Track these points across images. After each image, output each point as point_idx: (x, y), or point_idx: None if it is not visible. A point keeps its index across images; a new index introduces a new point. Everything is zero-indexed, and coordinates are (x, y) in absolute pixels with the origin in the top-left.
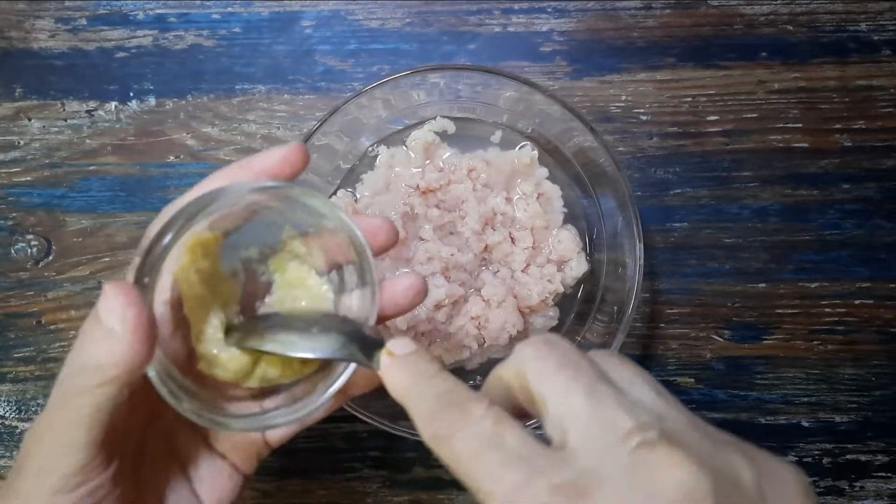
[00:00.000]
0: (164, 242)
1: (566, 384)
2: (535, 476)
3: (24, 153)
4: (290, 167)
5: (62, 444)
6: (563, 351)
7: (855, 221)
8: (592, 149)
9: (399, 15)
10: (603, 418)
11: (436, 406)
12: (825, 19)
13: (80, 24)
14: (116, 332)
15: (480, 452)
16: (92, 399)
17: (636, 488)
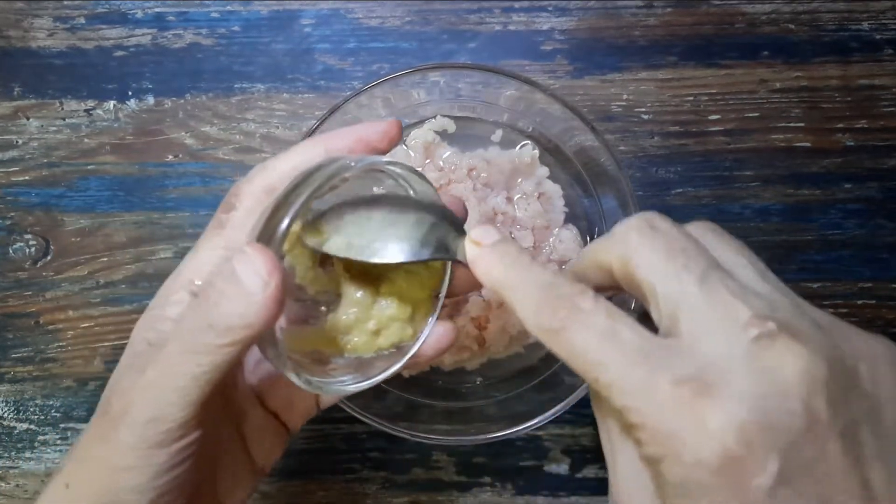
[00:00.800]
0: (295, 207)
1: (678, 274)
2: (658, 370)
3: (23, 152)
4: (388, 142)
5: (175, 399)
6: (670, 235)
7: (857, 221)
8: (593, 148)
9: (399, 13)
10: (719, 309)
11: (541, 298)
12: (827, 18)
13: (78, 22)
14: (256, 295)
15: (598, 347)
16: (214, 358)
17: (760, 380)
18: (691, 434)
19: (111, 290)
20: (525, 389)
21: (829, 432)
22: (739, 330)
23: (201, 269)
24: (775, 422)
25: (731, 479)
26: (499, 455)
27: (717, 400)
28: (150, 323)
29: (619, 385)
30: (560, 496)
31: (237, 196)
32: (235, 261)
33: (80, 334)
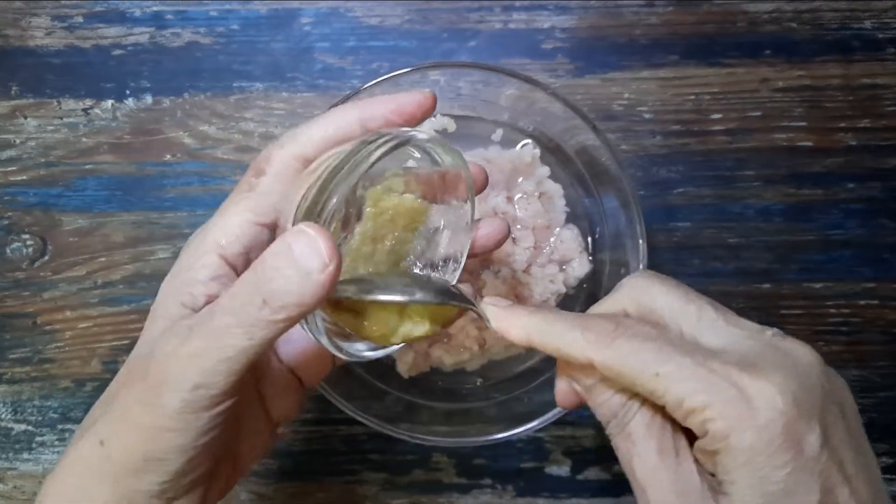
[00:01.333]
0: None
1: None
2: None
3: (20, 152)
4: (423, 113)
5: (222, 369)
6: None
7: (859, 221)
8: (595, 147)
9: (399, 12)
10: (734, 323)
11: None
12: (829, 17)
13: (76, 21)
14: (314, 275)
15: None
16: (265, 333)
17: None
18: (754, 404)
19: (109, 291)
20: (525, 391)
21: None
22: (756, 334)
23: (229, 231)
24: (809, 393)
25: (792, 440)
26: (499, 456)
27: (768, 374)
28: (181, 286)
29: (675, 374)
30: (561, 498)
31: (268, 161)
32: (292, 239)
33: (77, 335)
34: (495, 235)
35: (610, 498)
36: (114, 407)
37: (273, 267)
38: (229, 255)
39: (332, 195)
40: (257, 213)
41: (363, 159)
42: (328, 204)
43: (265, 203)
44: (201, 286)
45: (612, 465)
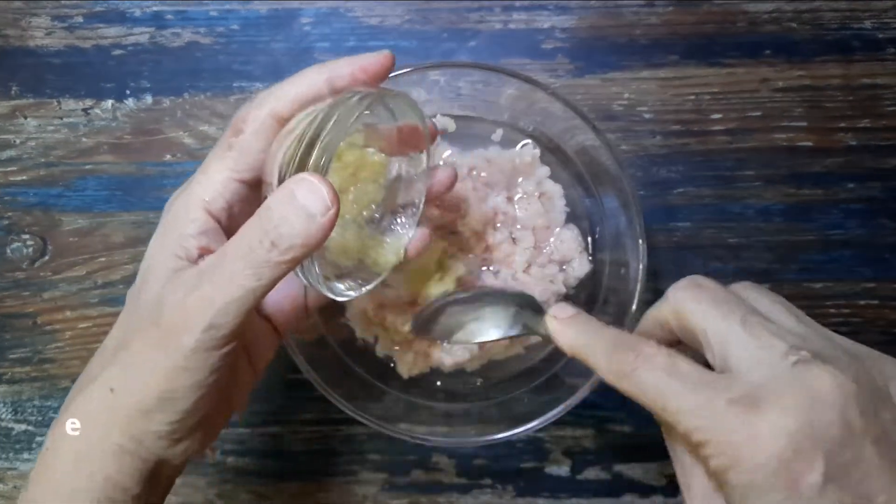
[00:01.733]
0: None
1: (724, 318)
2: (716, 394)
3: (20, 152)
4: (385, 71)
5: (232, 309)
6: (713, 290)
7: (859, 221)
8: (595, 147)
9: (398, 12)
10: (760, 344)
11: (612, 350)
12: (829, 17)
13: (76, 21)
14: (317, 217)
15: (663, 381)
16: (272, 273)
17: (801, 396)
18: (750, 443)
19: (109, 291)
20: (525, 391)
21: (864, 438)
22: (780, 358)
23: (212, 188)
24: (818, 429)
25: (788, 480)
26: (499, 457)
27: (767, 414)
28: (174, 240)
29: (683, 410)
30: (561, 498)
31: (244, 121)
32: (295, 186)
33: (77, 335)
34: (446, 181)
35: (610, 498)
36: (127, 353)
37: (279, 212)
38: (213, 210)
39: (325, 149)
40: (237, 170)
41: (347, 114)
42: (322, 157)
43: (244, 160)
44: (193, 239)
45: (611, 465)
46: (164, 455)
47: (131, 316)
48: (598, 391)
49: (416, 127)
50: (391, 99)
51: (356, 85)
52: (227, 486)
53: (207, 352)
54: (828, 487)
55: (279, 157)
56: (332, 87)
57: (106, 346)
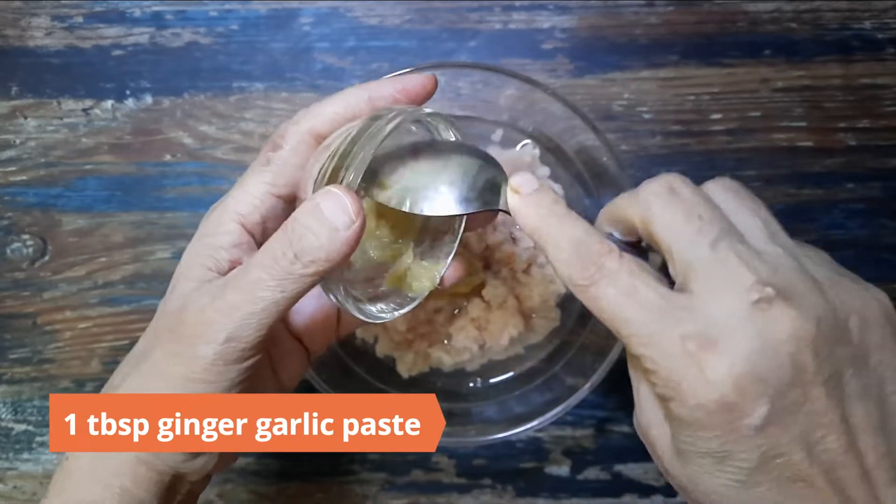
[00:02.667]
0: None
1: (693, 238)
2: (670, 325)
3: (20, 152)
4: (426, 95)
5: (253, 321)
6: (688, 200)
7: (859, 221)
8: (594, 147)
9: (398, 12)
10: (726, 273)
11: (573, 255)
12: (829, 17)
13: (76, 21)
14: (341, 232)
15: (619, 303)
16: (296, 286)
17: (755, 339)
18: (694, 381)
19: (109, 291)
20: (525, 391)
21: (814, 380)
22: (742, 293)
23: (248, 201)
24: (765, 374)
25: (726, 420)
26: (499, 457)
27: (717, 355)
28: (205, 251)
29: (636, 337)
30: (561, 498)
31: (283, 137)
32: (321, 199)
33: (77, 335)
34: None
35: (610, 498)
36: (146, 361)
37: (304, 224)
38: (248, 223)
39: (353, 163)
40: (274, 184)
41: (378, 131)
42: (349, 171)
43: (282, 176)
44: (224, 252)
45: (611, 465)
46: (181, 469)
47: (156, 325)
48: (598, 391)
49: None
50: (428, 117)
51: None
52: (227, 485)
53: (227, 365)
54: (768, 428)
55: (314, 172)
56: (373, 108)
57: (130, 355)
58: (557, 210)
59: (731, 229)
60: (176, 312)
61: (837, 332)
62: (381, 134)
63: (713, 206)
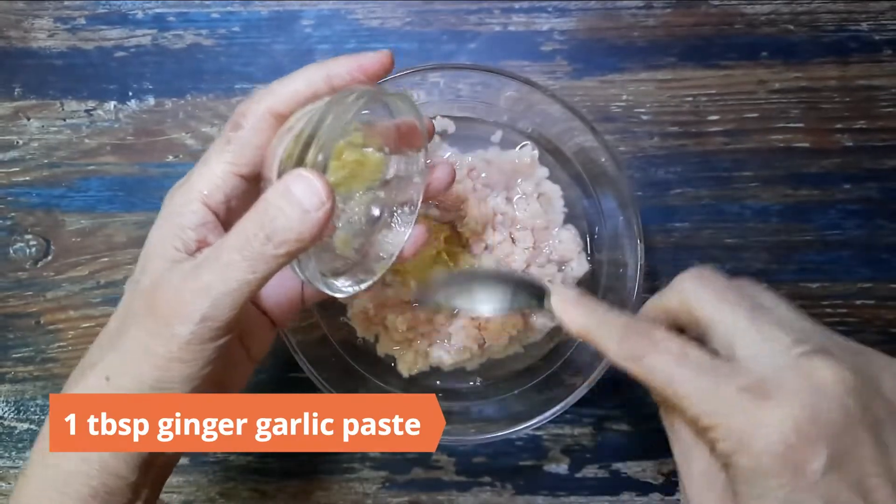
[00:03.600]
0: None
1: (731, 310)
2: (724, 381)
3: (23, 153)
4: (384, 70)
5: (227, 301)
6: (719, 283)
7: (856, 222)
8: (593, 148)
9: (399, 14)
10: (766, 336)
11: (623, 334)
12: (826, 19)
13: (79, 23)
14: (312, 213)
15: (674, 366)
16: (268, 266)
17: (805, 386)
18: (758, 429)
19: (112, 291)
20: (524, 389)
21: (861, 425)
22: (785, 350)
23: (211, 181)
24: (821, 417)
25: (792, 465)
26: (498, 455)
27: (774, 402)
28: (172, 231)
29: (693, 395)
30: (560, 496)
31: (244, 116)
32: (292, 181)
33: (80, 334)
34: (445, 178)
35: (608, 496)
36: (123, 341)
37: (276, 206)
38: (212, 203)
39: (322, 146)
40: (236, 164)
41: (344, 112)
42: (319, 154)
43: (243, 155)
44: (191, 231)
45: (610, 463)
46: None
47: (129, 304)
48: (597, 390)
49: (413, 125)
50: (388, 97)
51: (355, 84)
52: (229, 483)
53: (202, 343)
54: (829, 475)
55: (278, 153)
56: (331, 86)
57: (104, 334)
58: (599, 307)
59: (762, 306)
60: (150, 292)
61: (874, 386)
62: (346, 115)
63: (741, 290)
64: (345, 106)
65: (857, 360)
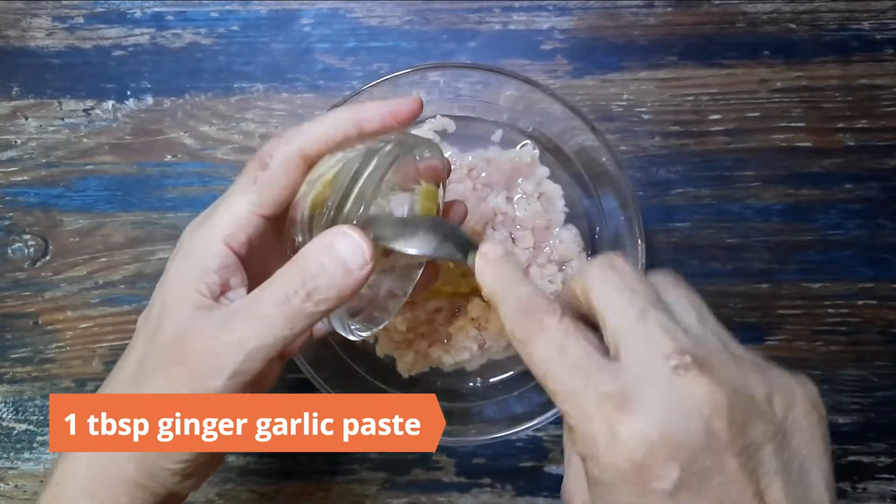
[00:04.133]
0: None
1: (622, 306)
2: (590, 385)
3: (21, 152)
4: (412, 117)
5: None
6: (624, 274)
7: (858, 221)
8: (594, 148)
9: (398, 13)
10: (649, 339)
11: (518, 312)
12: (828, 18)
13: (77, 22)
14: (356, 272)
15: (550, 359)
16: (305, 322)
17: (669, 401)
18: (607, 441)
19: (110, 291)
20: (525, 390)
21: (727, 449)
22: (663, 359)
23: (234, 222)
24: (678, 438)
25: (637, 482)
26: (499, 456)
27: (631, 416)
28: (196, 274)
29: (560, 394)
30: (560, 497)
31: (271, 156)
32: (335, 239)
33: (78, 335)
34: (460, 215)
35: None
36: (150, 385)
37: (318, 263)
38: (234, 244)
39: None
40: (261, 205)
41: (381, 164)
42: (360, 208)
43: (268, 196)
44: (215, 275)
45: None
46: (174, 489)
47: (151, 349)
48: None
49: (435, 165)
50: (419, 147)
51: (385, 129)
52: (227, 485)
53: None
54: (680, 493)
55: (309, 198)
56: (361, 130)
57: (120, 374)
58: (514, 274)
59: (659, 304)
60: (177, 341)
61: (756, 405)
62: (383, 168)
63: (647, 283)
64: (382, 158)
65: (744, 376)
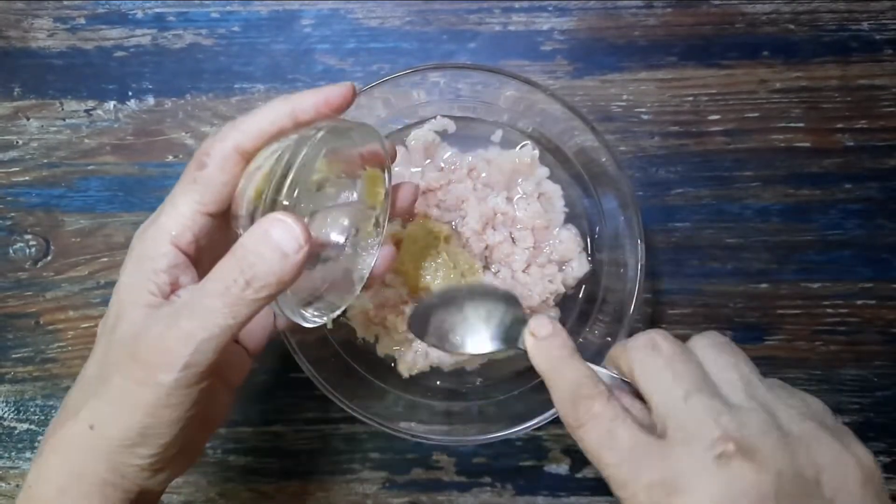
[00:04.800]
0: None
1: (670, 389)
2: (640, 472)
3: (23, 153)
4: (346, 103)
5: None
6: (667, 355)
7: (857, 221)
8: (594, 148)
9: (399, 13)
10: (695, 424)
11: (568, 399)
12: (827, 18)
13: (78, 23)
14: (292, 256)
15: (601, 444)
16: (248, 310)
17: (717, 489)
18: None
19: (111, 291)
20: (525, 390)
21: None
22: (707, 446)
23: (180, 221)
24: None
25: None
26: (499, 455)
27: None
28: (146, 275)
29: (613, 480)
30: (560, 496)
31: (208, 154)
32: (270, 226)
33: (80, 334)
34: (409, 197)
35: (608, 497)
36: (106, 389)
37: (254, 252)
38: (182, 243)
39: (294, 187)
40: (203, 203)
41: (314, 151)
42: (293, 195)
43: (210, 193)
44: (164, 275)
45: None
46: (146, 485)
47: (108, 350)
48: None
49: (377, 150)
50: (351, 130)
51: (319, 117)
52: (228, 484)
53: (187, 388)
54: None
55: (248, 192)
56: (296, 121)
57: (83, 378)
58: (563, 354)
59: (704, 383)
60: (131, 340)
61: (804, 487)
62: (316, 155)
63: (690, 360)
64: (313, 145)
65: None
